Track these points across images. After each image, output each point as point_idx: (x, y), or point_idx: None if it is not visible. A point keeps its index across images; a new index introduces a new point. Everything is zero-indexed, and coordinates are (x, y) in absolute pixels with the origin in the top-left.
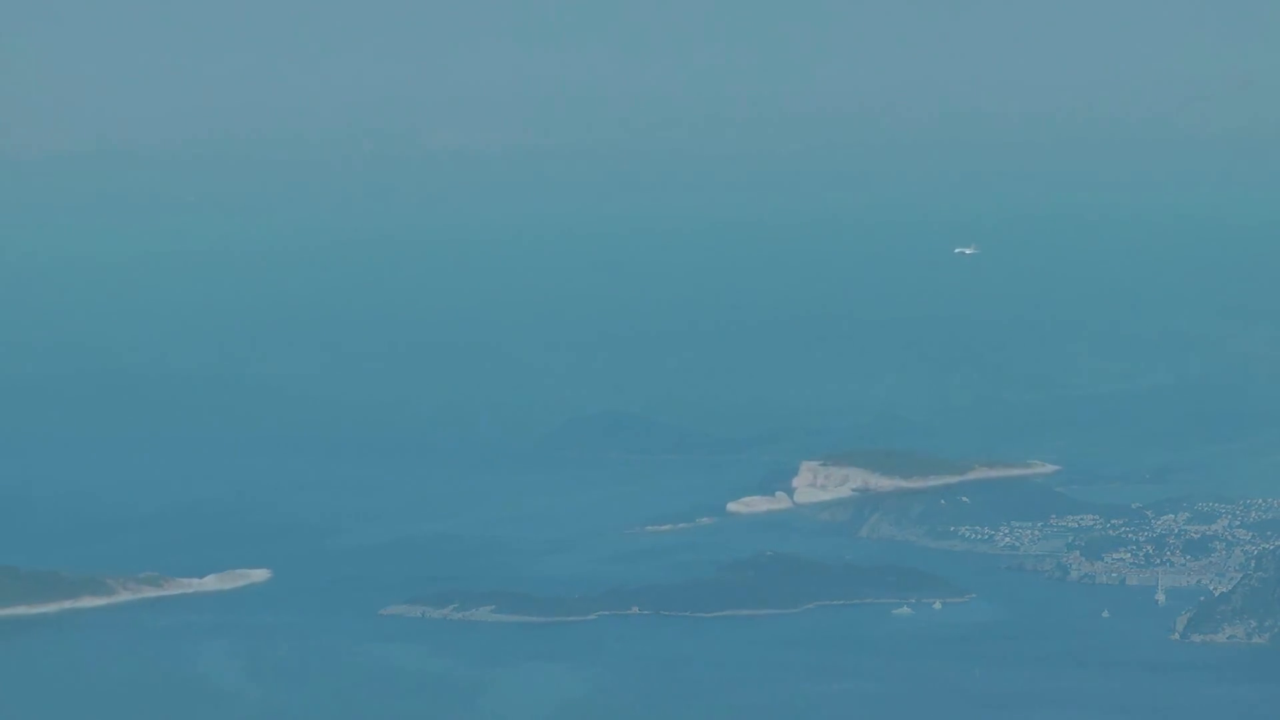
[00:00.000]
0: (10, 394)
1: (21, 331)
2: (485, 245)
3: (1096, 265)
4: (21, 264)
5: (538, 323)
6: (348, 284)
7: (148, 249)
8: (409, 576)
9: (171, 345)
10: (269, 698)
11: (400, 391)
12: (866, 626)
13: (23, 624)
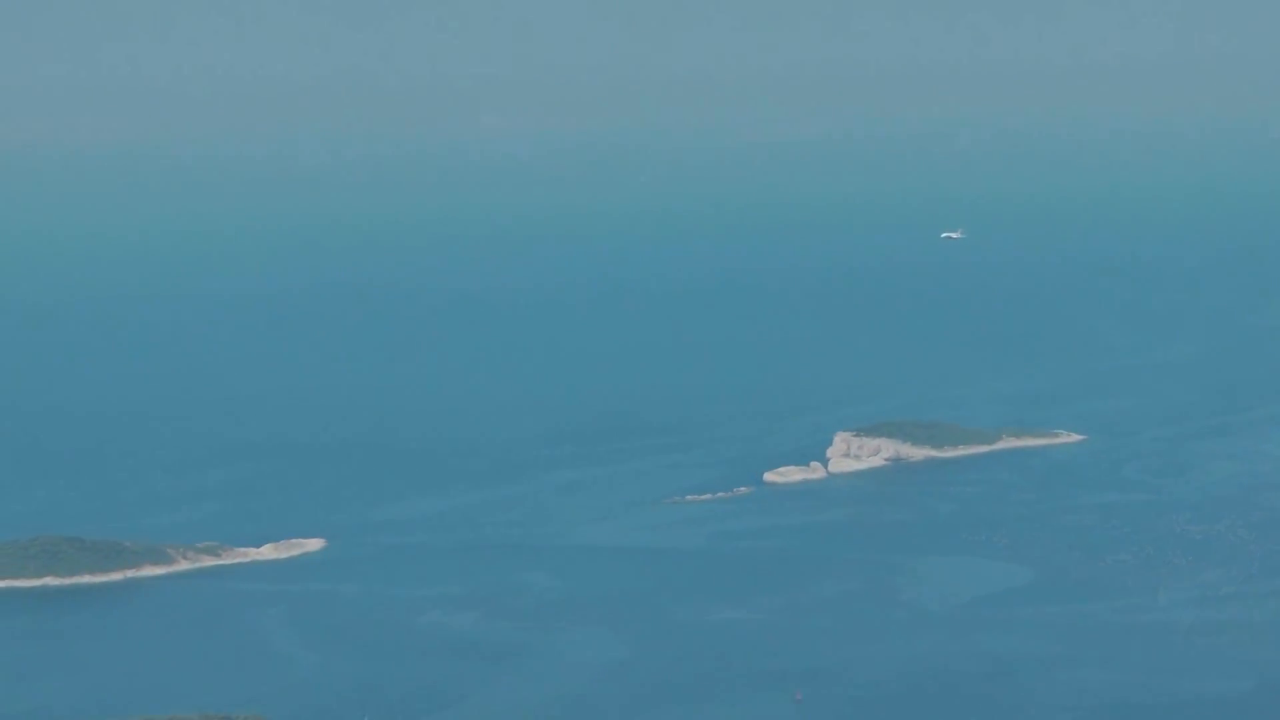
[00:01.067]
0: (85, 365)
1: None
2: (534, 234)
3: (1114, 244)
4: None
5: (588, 307)
6: (407, 269)
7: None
8: (458, 545)
9: (235, 332)
10: (324, 662)
11: (449, 370)
12: (890, 594)
13: (88, 592)
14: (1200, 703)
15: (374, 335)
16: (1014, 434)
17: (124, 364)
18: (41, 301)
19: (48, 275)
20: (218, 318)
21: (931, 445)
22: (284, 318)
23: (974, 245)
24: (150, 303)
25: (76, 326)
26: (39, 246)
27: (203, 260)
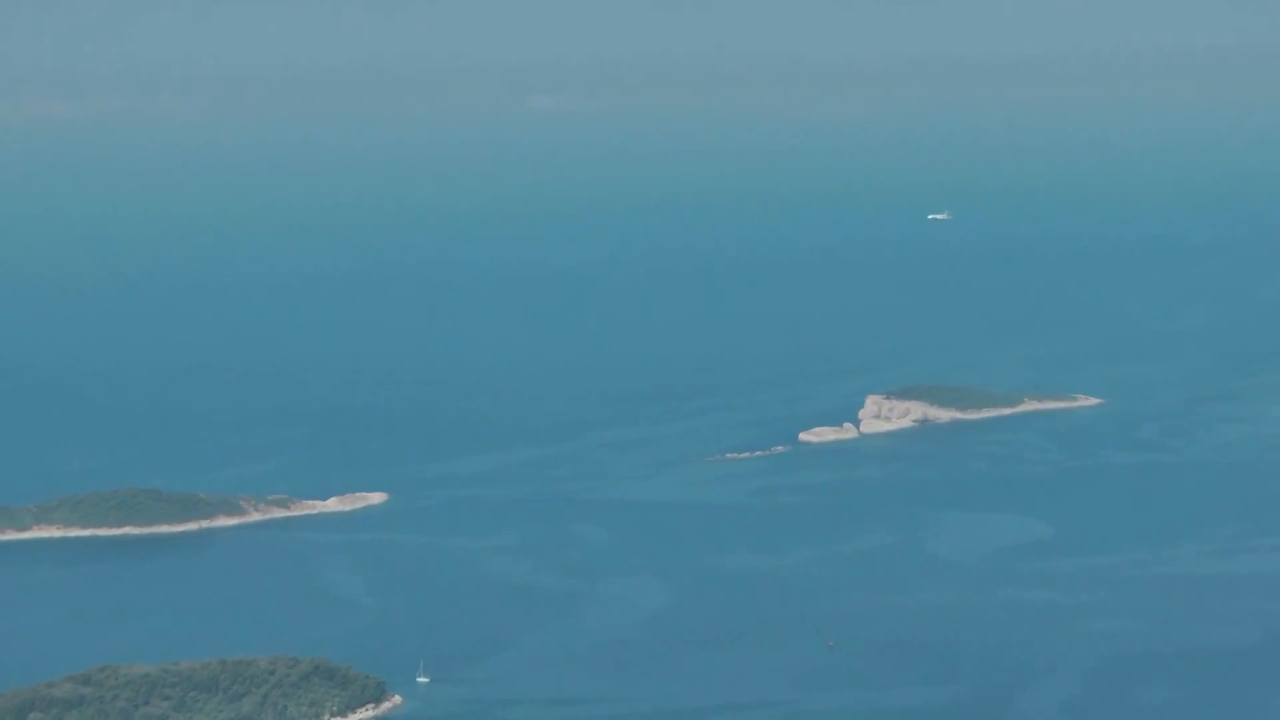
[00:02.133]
0: (164, 332)
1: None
2: (584, 211)
3: (1130, 222)
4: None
5: (635, 280)
6: (464, 245)
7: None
8: (513, 499)
9: (296, 300)
10: (385, 607)
11: (506, 337)
12: (918, 547)
13: (165, 541)
14: (1210, 651)
15: (435, 306)
16: (1035, 397)
17: (201, 331)
18: (124, 274)
19: (121, 249)
20: (289, 290)
21: (957, 407)
22: (350, 290)
23: (969, 224)
24: (223, 276)
25: (157, 298)
26: (109, 223)
27: (272, 236)
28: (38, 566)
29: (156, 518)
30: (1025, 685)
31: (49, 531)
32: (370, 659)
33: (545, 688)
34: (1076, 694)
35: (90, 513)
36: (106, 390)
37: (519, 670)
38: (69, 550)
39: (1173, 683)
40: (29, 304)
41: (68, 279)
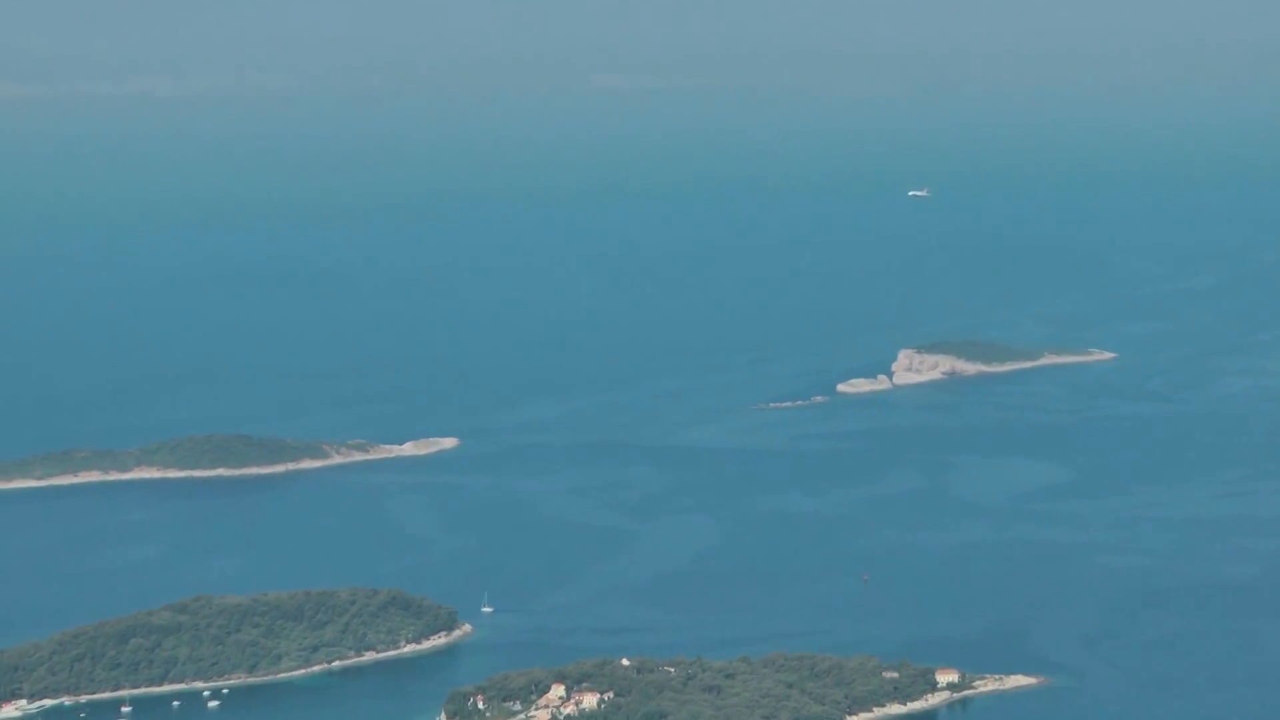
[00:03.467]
0: (255, 291)
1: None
2: (643, 184)
3: (1140, 191)
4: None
5: (685, 244)
6: (530, 214)
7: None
8: (574, 444)
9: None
10: (456, 543)
11: (568, 295)
12: (946, 489)
13: (254, 482)
14: (1215, 585)
15: (504, 268)
16: (1054, 352)
17: (290, 292)
18: (222, 244)
19: (220, 221)
20: (374, 255)
21: (983, 361)
22: (427, 256)
23: (944, 200)
24: (315, 244)
25: (252, 262)
26: (214, 197)
27: (360, 208)
28: (139, 505)
29: (247, 460)
30: (1044, 617)
31: (149, 473)
32: (442, 591)
33: (602, 618)
34: (1092, 625)
35: (187, 456)
36: (205, 344)
37: (578, 601)
38: (167, 490)
39: (1181, 614)
40: (141, 269)
41: (174, 244)
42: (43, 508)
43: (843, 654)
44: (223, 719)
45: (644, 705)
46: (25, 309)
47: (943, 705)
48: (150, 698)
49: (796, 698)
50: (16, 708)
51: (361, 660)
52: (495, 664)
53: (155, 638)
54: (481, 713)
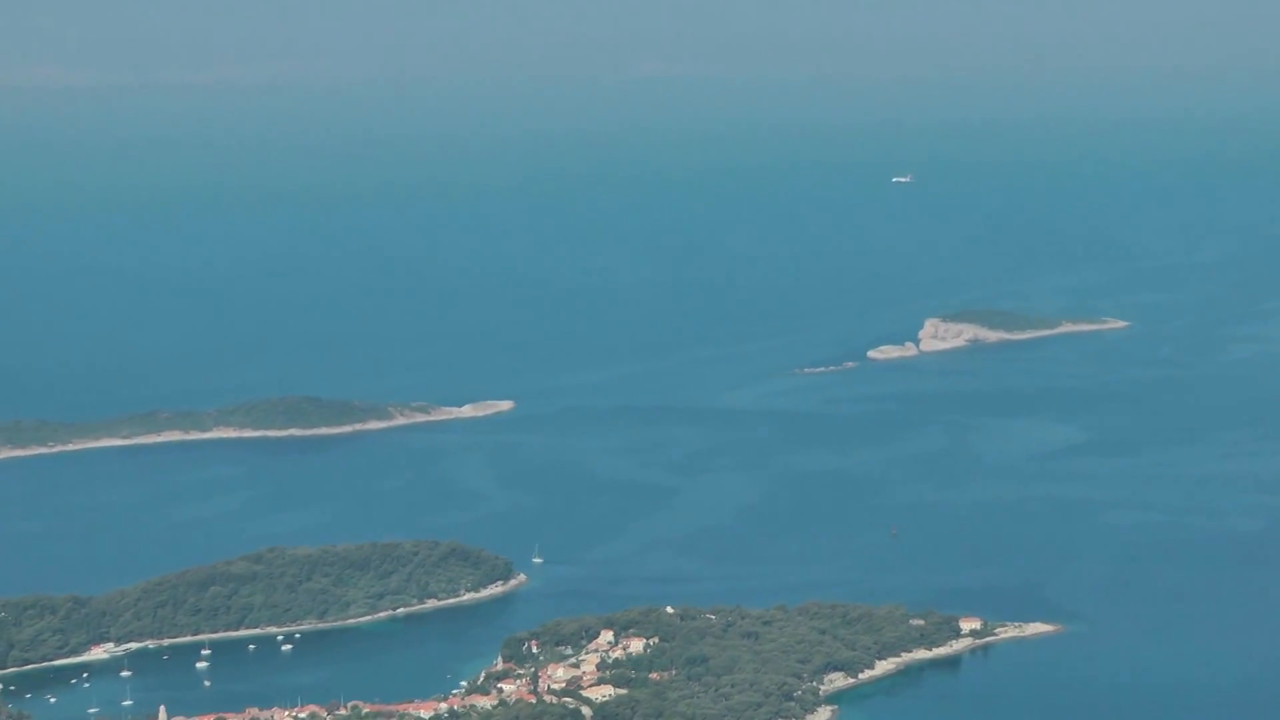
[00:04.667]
0: (325, 264)
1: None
2: (690, 165)
3: (1144, 166)
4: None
5: (724, 221)
6: (579, 193)
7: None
8: (622, 406)
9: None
10: (511, 499)
11: (615, 267)
12: (969, 449)
13: (323, 441)
14: (1221, 538)
15: (555, 241)
16: (1071, 320)
17: (358, 265)
18: (300, 223)
19: (296, 202)
20: (435, 230)
21: (1004, 329)
22: (486, 230)
23: (923, 186)
24: (381, 222)
25: (325, 237)
26: (282, 177)
27: (430, 188)
28: (217, 462)
29: (316, 421)
30: (1061, 567)
31: (226, 433)
32: (499, 543)
33: (647, 568)
34: (1105, 575)
35: (261, 416)
36: (280, 314)
37: (625, 553)
38: (243, 449)
39: (1188, 566)
40: (224, 246)
41: (257, 223)
42: (128, 465)
43: (872, 603)
44: (295, 661)
45: (687, 650)
46: (115, 282)
47: (966, 651)
48: (228, 641)
49: (829, 643)
50: (105, 650)
51: (423, 607)
52: (548, 611)
53: (232, 586)
54: (535, 656)
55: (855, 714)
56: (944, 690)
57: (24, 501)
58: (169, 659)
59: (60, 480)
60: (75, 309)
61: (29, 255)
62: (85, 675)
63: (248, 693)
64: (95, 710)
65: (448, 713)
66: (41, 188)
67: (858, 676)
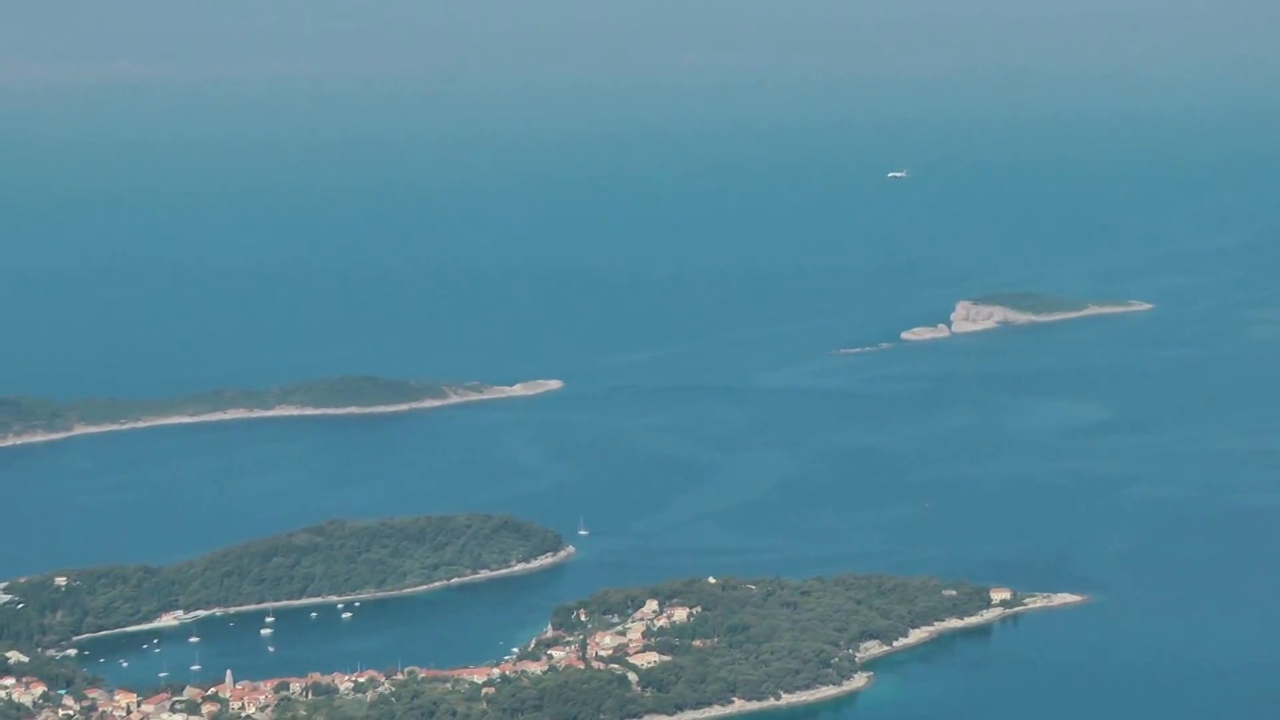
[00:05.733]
0: (393, 248)
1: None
2: (729, 151)
3: (1173, 152)
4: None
5: (764, 205)
6: (624, 178)
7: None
8: (665, 385)
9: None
10: (560, 474)
11: (660, 250)
12: (999, 426)
13: (381, 419)
14: (1240, 513)
15: (603, 226)
16: (1097, 303)
17: (412, 250)
18: (366, 213)
19: (382, 188)
20: (493, 214)
21: (1033, 311)
22: (539, 214)
23: (919, 181)
24: (444, 209)
25: (383, 226)
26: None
27: (494, 174)
28: (280, 439)
29: (374, 399)
30: (1087, 540)
31: (288, 410)
32: (548, 516)
33: (690, 540)
34: (1129, 548)
35: (321, 395)
36: (339, 295)
37: (669, 525)
38: (304, 426)
39: (1209, 539)
40: (287, 230)
41: (317, 208)
42: (195, 441)
43: (906, 574)
44: (354, 628)
45: (728, 619)
46: (184, 269)
47: (996, 620)
48: (290, 610)
49: (864, 613)
50: (174, 617)
51: (477, 577)
52: (596, 581)
53: (295, 556)
54: (584, 624)
55: (890, 680)
56: (975, 657)
57: (97, 476)
58: (235, 626)
59: (131, 456)
60: (147, 295)
61: (107, 246)
62: (155, 641)
63: (309, 658)
64: (165, 674)
65: (500, 678)
66: (118, 182)
67: (892, 644)
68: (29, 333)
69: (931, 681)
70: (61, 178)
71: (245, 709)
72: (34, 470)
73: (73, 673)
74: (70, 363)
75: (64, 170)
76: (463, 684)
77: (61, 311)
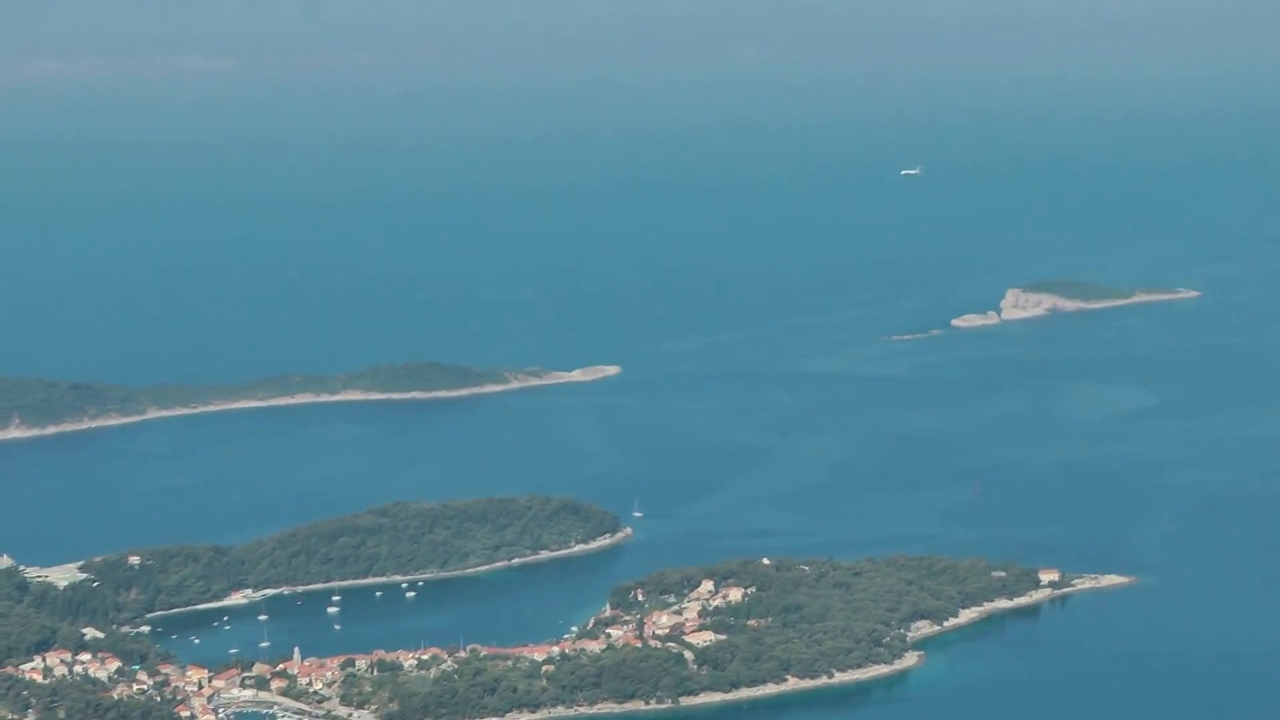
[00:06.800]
0: (450, 242)
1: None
2: (783, 143)
3: (1218, 143)
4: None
5: (811, 195)
6: (678, 168)
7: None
8: (720, 371)
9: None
10: (618, 457)
11: (713, 240)
12: (1048, 411)
13: (443, 404)
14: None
15: (657, 217)
16: (1145, 290)
17: (474, 240)
18: (430, 206)
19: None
20: (540, 211)
21: (1081, 299)
22: (592, 205)
23: (934, 178)
24: (495, 201)
25: (446, 219)
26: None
27: (549, 171)
28: (345, 423)
29: (437, 385)
30: (1135, 523)
31: (353, 395)
32: (606, 498)
33: (743, 522)
34: (1174, 530)
35: (385, 380)
36: (403, 283)
37: (723, 508)
38: (369, 410)
39: (1255, 522)
40: (348, 221)
41: (384, 198)
42: (263, 425)
43: (956, 555)
44: (418, 607)
45: (782, 599)
46: (253, 259)
47: (1045, 601)
48: (356, 589)
49: (915, 593)
50: (243, 595)
51: (537, 558)
52: (653, 562)
53: (360, 537)
54: (641, 604)
55: (940, 659)
56: (1024, 637)
57: (169, 459)
58: (302, 604)
59: (202, 439)
60: (218, 284)
61: (179, 239)
62: (226, 619)
63: (375, 636)
64: (235, 651)
65: (559, 656)
66: (191, 179)
67: (943, 624)
68: (105, 321)
69: (981, 661)
70: (136, 175)
71: (312, 684)
72: (108, 453)
73: (146, 649)
74: (144, 350)
75: (140, 167)
76: (523, 661)
77: (137, 301)
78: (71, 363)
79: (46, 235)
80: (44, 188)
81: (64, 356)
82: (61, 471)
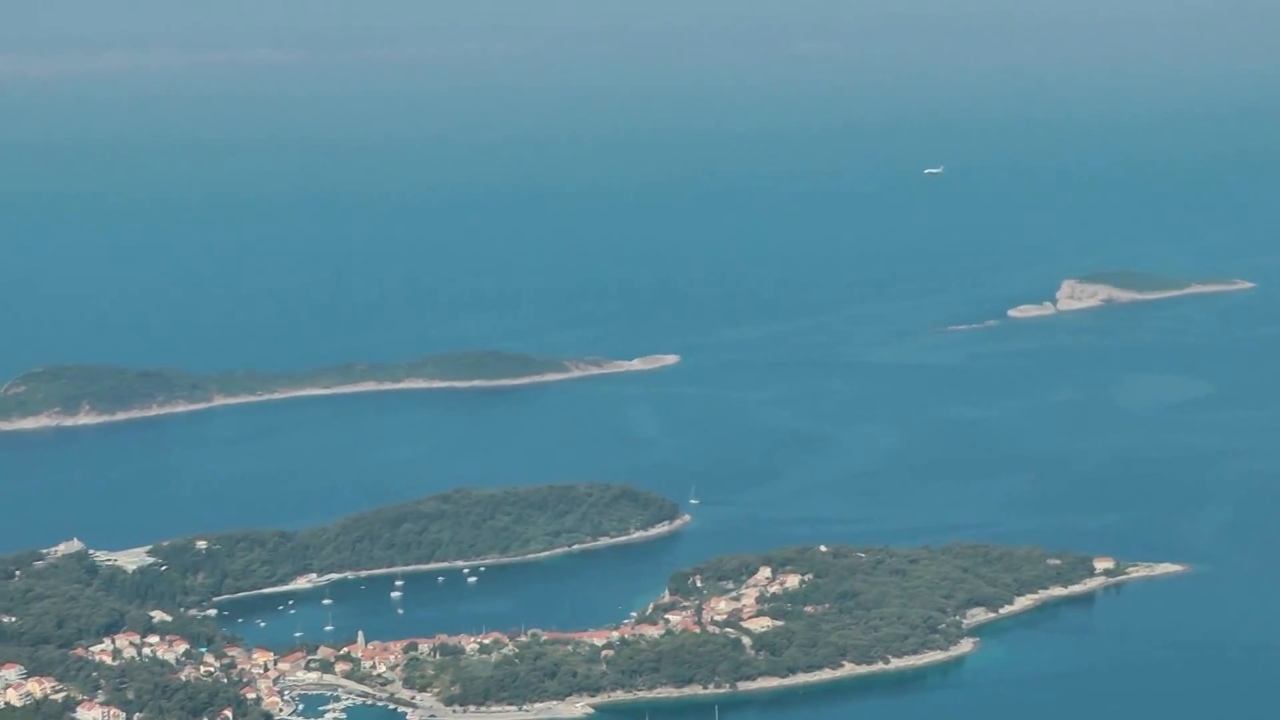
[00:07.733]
0: (503, 234)
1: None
2: (835, 139)
3: (1255, 144)
4: None
5: (868, 189)
6: (738, 166)
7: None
8: (778, 360)
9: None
10: (677, 445)
11: (773, 233)
12: (1103, 401)
13: (505, 392)
14: None
15: (717, 210)
16: (1200, 281)
17: (536, 231)
18: (493, 199)
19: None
20: (601, 204)
21: (1136, 290)
22: (652, 201)
23: (955, 176)
24: (567, 193)
25: (509, 212)
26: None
27: (601, 164)
28: (408, 410)
29: (499, 373)
30: (1189, 512)
31: (417, 383)
32: (665, 485)
33: (801, 509)
34: (1229, 518)
35: (448, 369)
36: (465, 273)
37: (781, 495)
38: (432, 398)
39: None
40: (418, 214)
41: (444, 191)
42: (328, 412)
43: (1011, 543)
44: (479, 592)
45: (839, 585)
46: (320, 251)
47: (1099, 589)
48: (418, 573)
49: (971, 581)
50: (308, 580)
51: (596, 544)
52: (710, 549)
53: (423, 523)
54: (699, 590)
55: (996, 645)
56: (1079, 624)
57: (235, 445)
58: (365, 589)
59: (267, 426)
60: (285, 274)
61: (247, 233)
62: (290, 603)
63: (437, 620)
64: (300, 634)
65: (619, 641)
66: (263, 169)
67: (998, 611)
68: (173, 310)
69: (1035, 648)
70: (205, 169)
71: (376, 668)
72: (176, 439)
73: (213, 632)
74: (212, 338)
75: (209, 161)
76: (583, 646)
77: (206, 291)
78: (141, 351)
79: (116, 228)
80: (113, 183)
81: (134, 345)
82: (130, 457)
